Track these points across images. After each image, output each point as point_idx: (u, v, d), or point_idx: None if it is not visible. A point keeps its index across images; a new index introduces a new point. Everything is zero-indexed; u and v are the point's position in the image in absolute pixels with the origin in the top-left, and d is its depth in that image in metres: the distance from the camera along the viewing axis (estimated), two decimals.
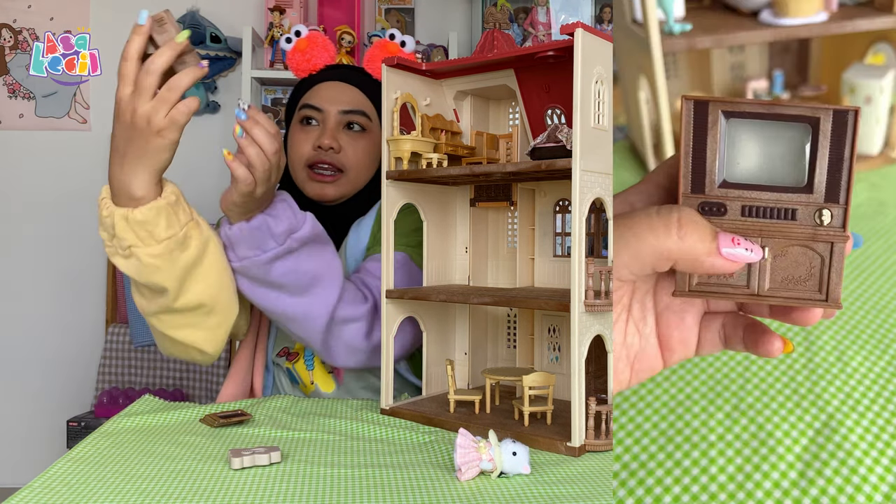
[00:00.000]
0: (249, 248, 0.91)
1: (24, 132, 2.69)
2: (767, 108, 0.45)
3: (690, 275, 0.49)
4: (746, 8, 1.57)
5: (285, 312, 0.97)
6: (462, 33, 2.71)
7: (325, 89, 1.17)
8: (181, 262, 0.86)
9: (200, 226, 0.88)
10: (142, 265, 0.85)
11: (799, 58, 1.79)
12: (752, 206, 0.46)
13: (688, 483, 0.78)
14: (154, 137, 0.80)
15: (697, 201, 0.47)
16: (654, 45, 1.43)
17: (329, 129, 1.14)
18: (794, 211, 0.46)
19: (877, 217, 1.37)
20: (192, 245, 0.87)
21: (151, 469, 0.72)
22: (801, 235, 0.47)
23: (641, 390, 0.94)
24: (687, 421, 0.88)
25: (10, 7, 2.68)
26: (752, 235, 0.47)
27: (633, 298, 0.54)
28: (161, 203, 0.83)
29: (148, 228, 0.83)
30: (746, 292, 0.49)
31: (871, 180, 1.51)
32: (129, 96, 0.80)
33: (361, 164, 1.16)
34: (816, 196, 0.45)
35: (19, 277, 2.70)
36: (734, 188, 0.46)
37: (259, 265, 0.92)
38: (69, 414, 2.52)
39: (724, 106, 0.45)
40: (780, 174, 0.46)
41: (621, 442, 0.85)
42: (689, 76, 1.75)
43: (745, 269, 0.48)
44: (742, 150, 0.46)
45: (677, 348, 0.54)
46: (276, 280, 0.94)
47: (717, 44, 1.50)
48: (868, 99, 1.59)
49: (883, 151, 1.62)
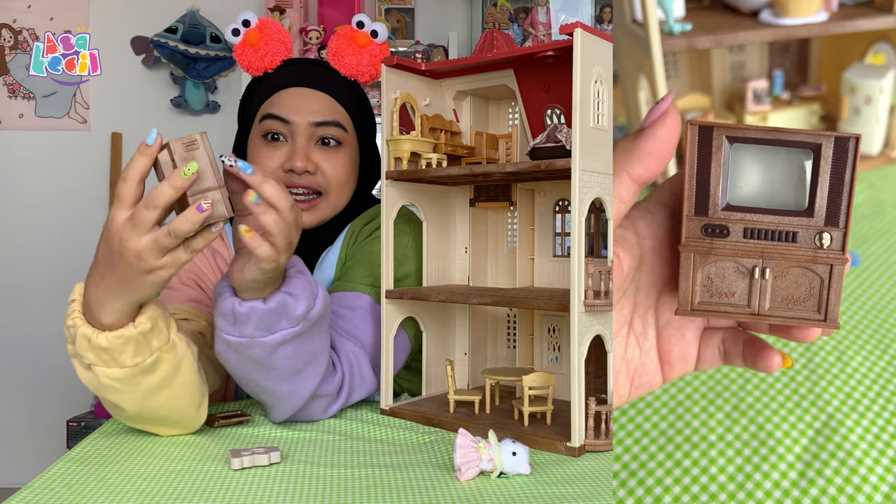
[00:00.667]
0: (257, 328, 0.78)
1: (24, 132, 2.70)
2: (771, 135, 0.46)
3: (693, 294, 0.50)
4: (746, 8, 1.57)
5: (266, 390, 0.84)
6: (462, 33, 2.71)
7: (291, 97, 1.03)
8: (144, 386, 0.74)
9: (176, 348, 0.75)
10: (100, 383, 0.74)
11: (799, 58, 1.79)
12: (754, 229, 0.47)
13: (688, 483, 0.78)
14: (142, 274, 0.68)
15: (701, 223, 0.48)
16: (654, 45, 1.43)
17: (300, 147, 1.00)
18: (794, 234, 0.47)
19: (876, 217, 1.37)
20: (160, 369, 0.74)
21: (151, 469, 0.72)
22: (802, 257, 0.48)
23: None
24: (687, 421, 0.88)
25: (10, 7, 2.68)
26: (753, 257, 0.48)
27: (635, 313, 0.54)
28: (131, 333, 0.71)
29: (112, 355, 0.71)
30: (747, 311, 0.50)
31: (870, 180, 1.51)
32: (121, 223, 0.67)
33: (341, 184, 1.03)
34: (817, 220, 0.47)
35: (19, 277, 2.70)
36: (737, 211, 0.48)
37: (263, 346, 0.79)
38: (69, 414, 2.52)
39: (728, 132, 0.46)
40: (782, 198, 0.47)
41: (621, 442, 0.85)
42: (689, 76, 1.75)
43: (746, 289, 0.50)
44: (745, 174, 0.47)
45: (677, 363, 0.55)
46: (272, 362, 0.81)
47: (717, 44, 1.50)
48: (868, 99, 1.59)
49: (883, 151, 1.62)
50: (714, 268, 0.49)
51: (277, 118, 1.01)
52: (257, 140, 1.03)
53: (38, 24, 2.71)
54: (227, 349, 0.81)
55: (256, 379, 0.83)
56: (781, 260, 0.48)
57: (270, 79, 1.05)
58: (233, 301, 0.78)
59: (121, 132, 2.70)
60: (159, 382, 0.75)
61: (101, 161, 2.70)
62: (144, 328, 0.72)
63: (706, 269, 0.50)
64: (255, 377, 0.82)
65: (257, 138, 1.03)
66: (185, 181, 0.66)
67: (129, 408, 0.76)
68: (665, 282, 0.54)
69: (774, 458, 0.81)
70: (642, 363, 0.54)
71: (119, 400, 0.75)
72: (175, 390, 0.77)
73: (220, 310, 0.79)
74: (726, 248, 0.48)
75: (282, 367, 0.82)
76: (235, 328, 0.79)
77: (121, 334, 0.71)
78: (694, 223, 0.48)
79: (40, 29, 2.72)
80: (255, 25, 1.05)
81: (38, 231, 2.71)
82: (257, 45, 1.04)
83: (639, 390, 0.55)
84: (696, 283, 0.50)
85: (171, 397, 0.77)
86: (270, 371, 0.82)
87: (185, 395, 0.78)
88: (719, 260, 0.49)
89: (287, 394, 0.84)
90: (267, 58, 1.04)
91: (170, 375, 0.75)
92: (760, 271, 0.49)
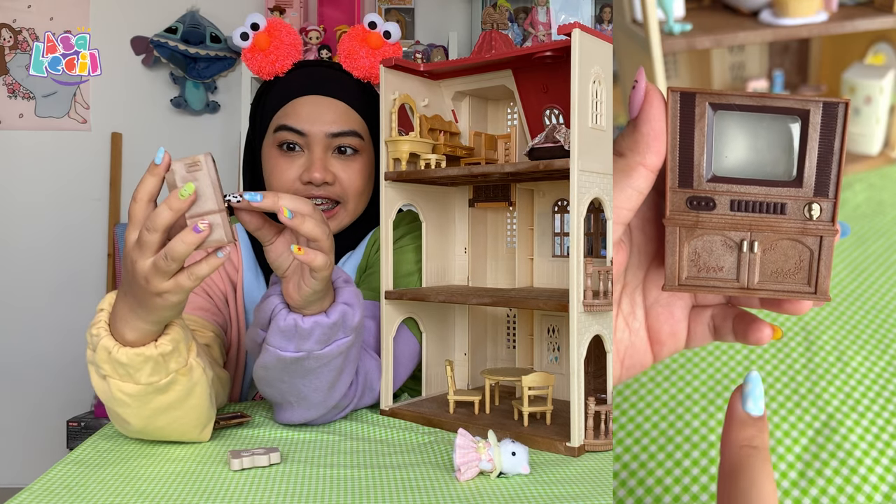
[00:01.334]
0: (318, 341, 0.79)
1: (24, 132, 2.70)
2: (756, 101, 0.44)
3: (679, 269, 0.49)
4: (746, 8, 1.57)
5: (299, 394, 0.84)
6: (462, 33, 2.71)
7: (305, 106, 1.01)
8: (154, 405, 0.74)
9: (192, 371, 0.75)
10: (111, 395, 0.73)
11: (799, 58, 1.79)
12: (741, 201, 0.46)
13: (688, 483, 0.78)
14: (153, 297, 0.68)
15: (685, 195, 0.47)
16: (655, 45, 1.43)
17: (318, 159, 0.99)
18: (783, 205, 0.46)
19: (876, 217, 1.37)
20: (173, 390, 0.74)
21: (151, 471, 0.72)
22: (791, 229, 0.47)
23: (641, 390, 0.94)
24: (687, 421, 0.88)
25: (10, 7, 2.68)
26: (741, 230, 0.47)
27: (623, 293, 0.54)
28: (151, 353, 0.70)
29: (129, 370, 0.71)
30: (736, 286, 0.49)
31: (870, 180, 1.51)
32: (132, 244, 0.67)
33: (359, 192, 1.03)
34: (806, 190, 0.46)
35: (19, 277, 2.71)
36: (723, 182, 0.46)
37: (318, 358, 0.80)
38: (69, 414, 2.52)
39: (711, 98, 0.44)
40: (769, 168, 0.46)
41: (621, 442, 0.85)
42: (689, 76, 1.75)
43: (735, 263, 0.48)
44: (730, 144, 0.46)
45: (667, 342, 0.54)
46: (320, 372, 0.82)
47: (717, 44, 1.50)
48: (868, 99, 1.59)
49: (883, 151, 1.62)
50: (701, 242, 0.48)
51: (293, 130, 1.00)
52: (272, 150, 1.02)
53: (38, 24, 2.71)
54: (275, 364, 0.81)
55: (297, 387, 0.82)
56: (770, 232, 0.47)
57: (283, 84, 1.04)
58: (294, 318, 0.78)
59: (121, 132, 2.70)
60: (169, 403, 0.75)
61: (101, 161, 2.71)
62: (165, 350, 0.71)
63: (693, 244, 0.48)
64: (296, 385, 0.82)
65: (272, 148, 1.02)
66: (182, 203, 0.65)
67: (135, 423, 0.76)
68: (651, 259, 0.53)
69: (774, 457, 0.81)
70: (632, 343, 0.54)
71: (127, 414, 0.75)
72: (183, 412, 0.77)
73: (279, 328, 0.78)
74: (713, 221, 0.47)
75: (325, 377, 0.82)
76: (293, 343, 0.79)
77: (141, 352, 0.70)
78: (678, 196, 0.47)
79: (40, 29, 2.72)
80: (263, 28, 1.03)
81: (37, 231, 2.71)
82: (267, 48, 1.02)
83: (630, 371, 0.54)
84: (682, 257, 0.49)
85: (178, 418, 0.77)
86: (314, 380, 0.82)
87: (193, 418, 0.78)
88: (706, 233, 0.48)
89: (318, 402, 0.84)
90: (278, 62, 1.03)
91: (181, 398, 0.75)
92: (749, 245, 0.48)
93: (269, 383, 0.84)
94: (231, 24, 2.65)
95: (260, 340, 0.82)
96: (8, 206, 2.70)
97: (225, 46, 2.62)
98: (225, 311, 1.03)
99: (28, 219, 2.70)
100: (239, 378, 1.07)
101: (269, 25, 1.03)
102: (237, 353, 1.05)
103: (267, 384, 0.84)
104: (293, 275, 0.77)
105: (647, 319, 0.54)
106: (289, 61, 1.03)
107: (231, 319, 1.04)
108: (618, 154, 0.46)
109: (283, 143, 1.01)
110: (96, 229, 2.71)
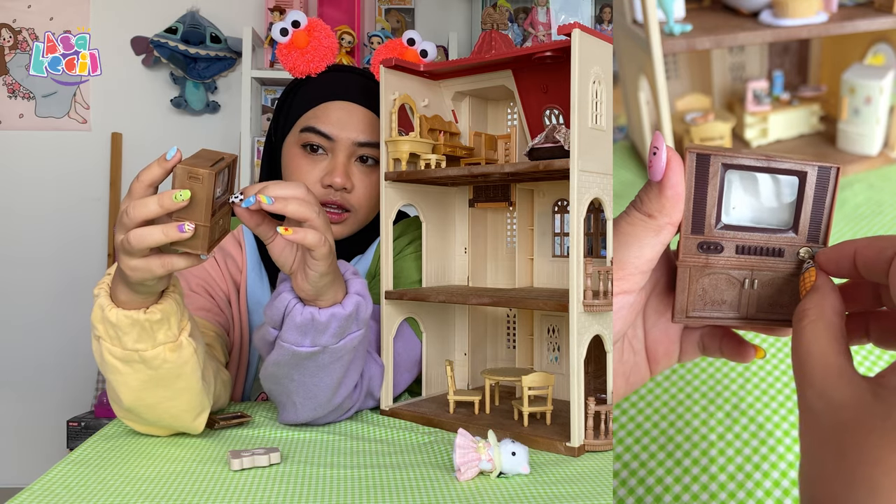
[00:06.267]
0: (334, 335, 0.80)
1: (24, 132, 2.70)
2: (763, 162, 0.50)
3: (688, 304, 0.55)
4: (746, 9, 1.57)
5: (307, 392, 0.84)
6: (462, 33, 2.71)
7: (336, 111, 1.01)
8: (142, 376, 0.75)
9: (181, 349, 0.75)
10: (102, 359, 0.75)
11: (799, 58, 1.79)
12: (746, 245, 0.52)
13: (688, 482, 0.79)
14: (125, 269, 0.69)
15: (697, 241, 0.53)
16: (655, 46, 1.43)
17: (341, 165, 1.00)
18: (781, 249, 0.52)
19: (875, 217, 1.37)
20: (162, 368, 0.74)
21: (151, 471, 0.72)
22: (787, 269, 0.53)
23: (642, 390, 0.94)
24: (687, 420, 0.88)
25: (10, 7, 2.68)
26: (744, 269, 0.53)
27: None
28: (139, 317, 0.71)
29: (117, 332, 0.72)
30: (737, 316, 0.55)
31: (869, 181, 1.51)
32: (119, 214, 0.68)
33: (371, 203, 1.03)
34: (801, 237, 0.52)
35: (19, 277, 2.71)
36: (730, 230, 0.53)
37: (333, 353, 0.81)
38: (69, 414, 2.52)
39: (724, 158, 0.50)
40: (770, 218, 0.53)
41: (622, 441, 0.85)
42: (690, 77, 1.75)
43: (736, 297, 0.55)
44: (737, 197, 0.53)
45: (663, 360, 0.60)
46: (332, 368, 0.82)
47: (717, 44, 1.50)
48: (868, 99, 1.59)
49: (882, 152, 1.62)
50: (708, 280, 0.54)
51: (321, 133, 1.00)
52: (295, 149, 1.02)
53: (38, 24, 2.71)
54: (288, 360, 0.81)
55: (305, 384, 0.83)
56: (769, 272, 0.53)
57: (314, 85, 1.04)
58: (311, 311, 0.78)
59: (121, 132, 2.71)
60: (158, 379, 0.75)
61: (101, 161, 2.71)
62: (153, 317, 0.72)
63: (701, 281, 0.54)
64: (305, 383, 0.83)
65: (295, 147, 1.02)
66: (173, 205, 0.65)
67: (126, 398, 0.76)
68: (652, 288, 0.57)
69: (774, 457, 0.81)
70: (635, 363, 0.59)
71: (118, 383, 0.75)
72: (173, 392, 0.77)
73: (295, 323, 0.79)
74: (720, 262, 0.53)
75: (336, 373, 0.83)
76: (308, 337, 0.79)
77: (129, 315, 0.72)
78: (690, 241, 0.52)
79: (40, 29, 2.72)
80: (304, 27, 1.02)
81: (37, 231, 2.71)
82: (305, 47, 1.02)
83: (632, 387, 0.60)
84: (691, 294, 0.54)
85: (168, 398, 0.77)
86: (325, 377, 0.83)
87: (183, 401, 0.78)
88: (713, 273, 0.54)
89: (324, 400, 0.85)
90: (314, 62, 1.03)
91: (170, 376, 0.75)
92: (750, 282, 0.54)
93: (277, 380, 0.84)
94: (231, 24, 2.66)
95: (272, 338, 0.83)
96: (8, 206, 2.70)
97: (225, 46, 2.62)
98: (227, 311, 1.03)
99: (28, 219, 2.70)
100: (241, 379, 1.07)
101: (309, 24, 1.03)
102: (239, 354, 1.05)
103: (275, 381, 0.85)
104: (299, 268, 0.77)
105: (646, 341, 0.59)
106: (324, 63, 1.04)
107: (234, 320, 1.04)
108: (646, 215, 0.50)
109: (307, 143, 1.01)
110: (96, 229, 2.71)
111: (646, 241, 0.50)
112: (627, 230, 0.50)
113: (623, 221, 0.51)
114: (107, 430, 0.85)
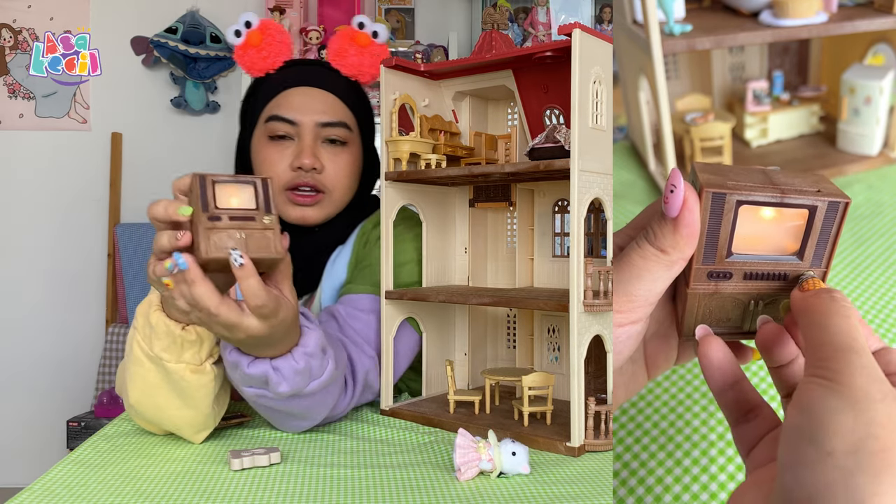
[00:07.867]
0: (304, 379, 0.76)
1: (24, 132, 2.70)
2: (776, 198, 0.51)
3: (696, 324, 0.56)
4: (746, 9, 1.57)
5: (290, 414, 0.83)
6: (462, 33, 2.71)
7: (296, 97, 1.03)
8: (158, 380, 0.76)
9: (202, 374, 0.76)
10: (130, 347, 0.77)
11: (799, 58, 1.79)
12: (753, 272, 0.54)
13: (688, 482, 0.79)
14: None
15: (707, 270, 0.54)
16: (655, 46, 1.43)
17: (308, 146, 1.00)
18: (786, 274, 0.54)
19: (875, 217, 1.37)
20: (179, 386, 0.76)
21: (151, 471, 0.72)
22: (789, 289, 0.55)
23: (642, 390, 0.94)
24: (687, 420, 0.88)
25: (10, 7, 2.68)
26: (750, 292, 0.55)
27: None
28: (174, 330, 0.73)
29: (151, 332, 0.74)
30: (740, 332, 0.57)
31: (869, 181, 1.51)
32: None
33: (344, 183, 1.04)
34: (805, 262, 0.54)
35: (19, 277, 2.71)
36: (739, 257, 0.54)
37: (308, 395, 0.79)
38: (69, 414, 2.52)
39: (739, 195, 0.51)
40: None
41: (622, 441, 0.85)
42: (690, 77, 1.75)
43: (740, 315, 0.56)
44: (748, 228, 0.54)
45: (661, 366, 0.61)
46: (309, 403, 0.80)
47: (717, 45, 1.50)
48: (868, 100, 1.59)
49: (882, 152, 1.62)
50: (715, 302, 0.55)
51: (285, 120, 1.01)
52: (263, 140, 1.03)
53: (38, 24, 2.71)
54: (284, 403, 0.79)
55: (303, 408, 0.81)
56: (773, 293, 0.55)
57: (273, 80, 1.05)
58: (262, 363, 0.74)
59: (121, 132, 2.71)
60: (173, 390, 0.77)
61: (101, 161, 2.71)
62: (188, 336, 0.74)
63: (708, 304, 0.56)
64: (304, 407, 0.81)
65: (263, 139, 1.03)
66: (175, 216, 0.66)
67: (134, 392, 0.78)
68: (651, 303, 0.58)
69: None
70: (633, 372, 0.60)
71: (137, 375, 0.77)
72: (183, 403, 0.78)
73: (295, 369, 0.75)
74: (728, 288, 0.55)
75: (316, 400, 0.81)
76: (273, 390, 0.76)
77: (168, 324, 0.74)
78: (701, 270, 0.54)
79: (40, 29, 2.72)
80: (256, 27, 1.05)
81: (37, 231, 2.71)
82: (259, 46, 1.04)
83: (631, 393, 0.61)
84: (698, 316, 0.56)
85: (177, 407, 0.78)
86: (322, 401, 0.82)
87: (188, 418, 0.79)
88: (720, 295, 0.55)
89: (320, 417, 0.85)
90: (269, 59, 1.05)
91: (185, 394, 0.77)
92: (755, 303, 0.55)
93: (273, 413, 0.83)
94: (231, 24, 2.65)
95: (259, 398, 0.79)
96: (8, 206, 2.70)
97: (225, 46, 2.62)
98: None
99: (28, 219, 2.70)
100: None
101: (261, 24, 1.05)
102: None
103: (270, 413, 0.83)
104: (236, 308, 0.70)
105: (645, 351, 0.60)
106: (279, 59, 1.05)
107: None
108: (660, 250, 0.51)
109: (273, 134, 1.02)
110: (96, 229, 2.71)
111: (658, 275, 0.51)
112: (640, 263, 0.51)
113: (635, 254, 0.51)
114: (107, 430, 0.85)
